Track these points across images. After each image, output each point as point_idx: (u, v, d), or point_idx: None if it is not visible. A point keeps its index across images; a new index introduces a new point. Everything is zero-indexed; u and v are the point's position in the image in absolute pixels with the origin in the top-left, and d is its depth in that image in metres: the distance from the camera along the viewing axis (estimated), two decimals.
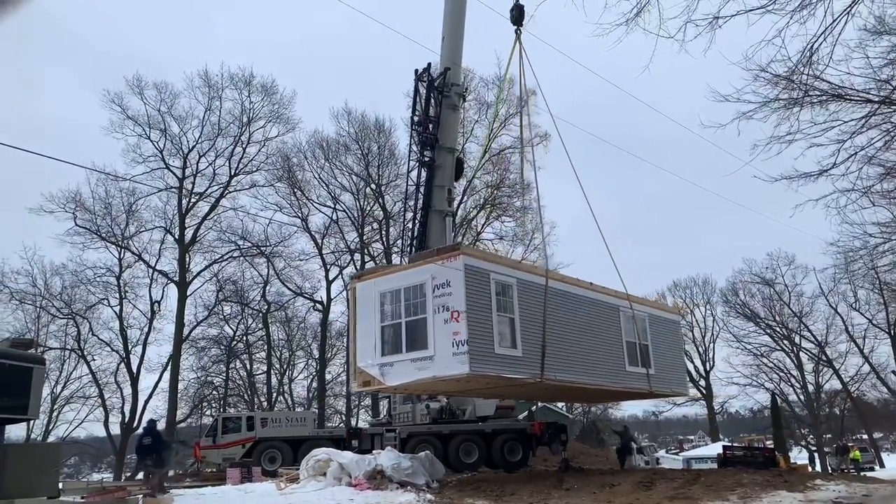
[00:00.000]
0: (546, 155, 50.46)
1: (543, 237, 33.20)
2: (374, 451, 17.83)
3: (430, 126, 22.93)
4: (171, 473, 27.91)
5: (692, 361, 58.28)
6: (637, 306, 20.02)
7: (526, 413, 42.46)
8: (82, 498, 13.03)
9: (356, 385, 16.85)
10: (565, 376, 16.77)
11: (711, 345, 58.33)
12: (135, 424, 37.17)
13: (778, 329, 55.87)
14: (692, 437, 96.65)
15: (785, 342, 56.07)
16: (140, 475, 15.91)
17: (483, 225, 41.43)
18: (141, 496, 12.22)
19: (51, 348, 38.58)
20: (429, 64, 23.35)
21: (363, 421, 42.56)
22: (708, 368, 57.96)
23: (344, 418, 42.45)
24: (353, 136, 41.04)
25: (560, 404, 63.95)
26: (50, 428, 39.59)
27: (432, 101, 23.02)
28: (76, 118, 69.01)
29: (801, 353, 55.88)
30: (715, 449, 35.03)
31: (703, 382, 57.97)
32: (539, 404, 54.93)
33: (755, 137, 14.38)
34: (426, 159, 22.95)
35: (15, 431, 39.38)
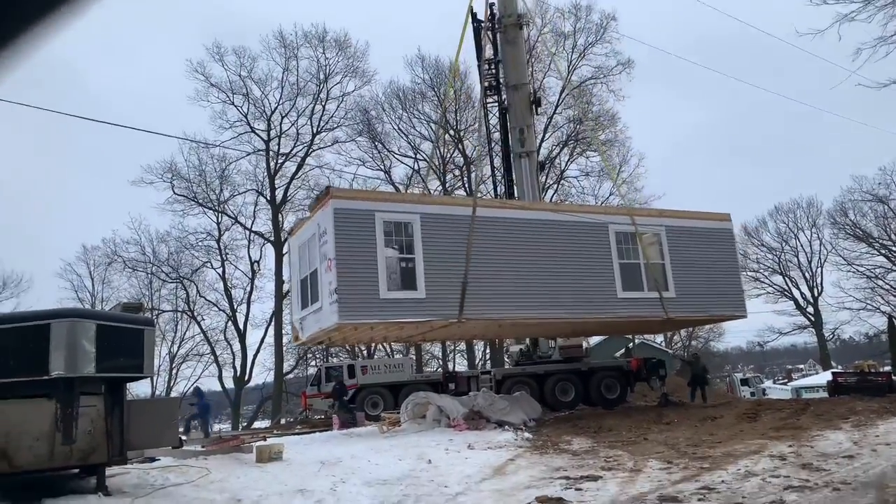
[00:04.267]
0: (630, 83, 48.37)
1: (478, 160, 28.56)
2: (470, 393, 18.17)
3: (490, 66, 22.40)
4: (282, 422, 29.54)
5: (798, 288, 55.65)
6: (646, 219, 17.56)
7: (623, 350, 42.05)
8: (202, 447, 13.99)
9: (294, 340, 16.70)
10: (500, 313, 15.19)
11: (819, 270, 55.31)
12: (247, 378, 39.51)
13: (894, 248, 52.17)
14: (802, 367, 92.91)
15: None
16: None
17: (567, 162, 40.47)
18: (255, 444, 12.95)
19: (164, 311, 41.33)
20: None
21: (459, 365, 43.47)
22: (816, 294, 55.14)
23: (441, 363, 43.40)
24: (429, 82, 40.73)
25: (658, 339, 62.98)
26: (171, 384, 42.74)
27: (488, 38, 22.36)
28: (164, 89, 71.79)
29: None
30: (825, 377, 33.49)
31: (811, 309, 55.30)
32: (637, 340, 54.20)
33: (858, 41, 13.14)
34: (490, 102, 22.49)
35: (140, 388, 42.78)
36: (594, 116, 39.18)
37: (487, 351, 40.56)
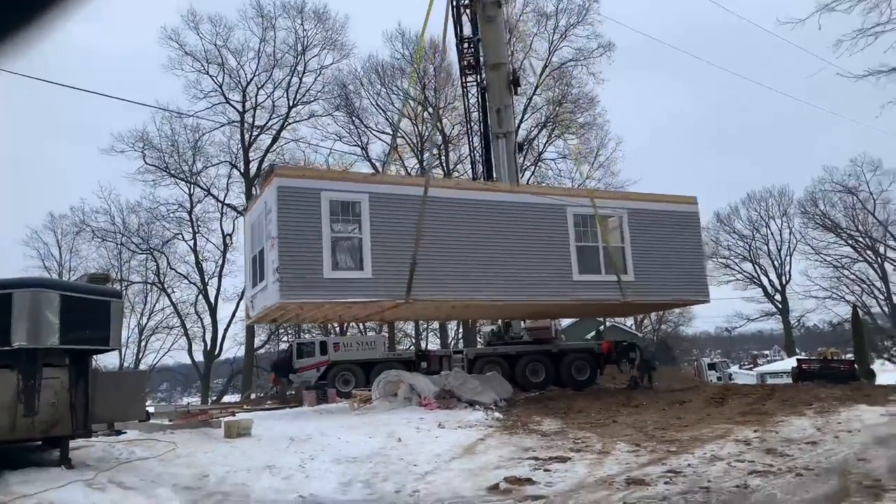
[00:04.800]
0: (610, 66, 48.31)
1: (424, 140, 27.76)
2: (442, 373, 18.20)
3: (469, 44, 22.23)
4: (252, 397, 29.40)
5: (766, 275, 56.61)
6: (607, 202, 17.40)
7: (594, 332, 42.47)
8: (170, 421, 13.83)
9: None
10: (450, 295, 15.18)
11: (788, 258, 56.35)
12: (217, 352, 39.22)
13: (861, 239, 53.31)
14: (767, 353, 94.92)
15: (868, 252, 53.57)
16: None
17: (545, 144, 40.45)
18: (223, 419, 12.83)
19: (133, 282, 40.78)
20: None
21: (432, 344, 43.58)
22: (784, 282, 56.22)
23: (414, 342, 43.48)
24: (408, 58, 40.23)
25: (629, 322, 63.79)
26: (140, 357, 42.29)
27: (467, 15, 22.17)
28: (135, 56, 70.07)
29: (885, 264, 53.33)
30: (790, 363, 34.21)
31: (778, 297, 56.37)
32: (607, 323, 54.78)
33: (838, 32, 13.22)
34: (469, 81, 22.37)
35: (108, 360, 42.20)
36: (573, 99, 39.15)
37: (460, 330, 40.70)
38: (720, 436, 9.99)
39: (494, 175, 23.81)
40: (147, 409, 10.72)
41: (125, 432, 12.76)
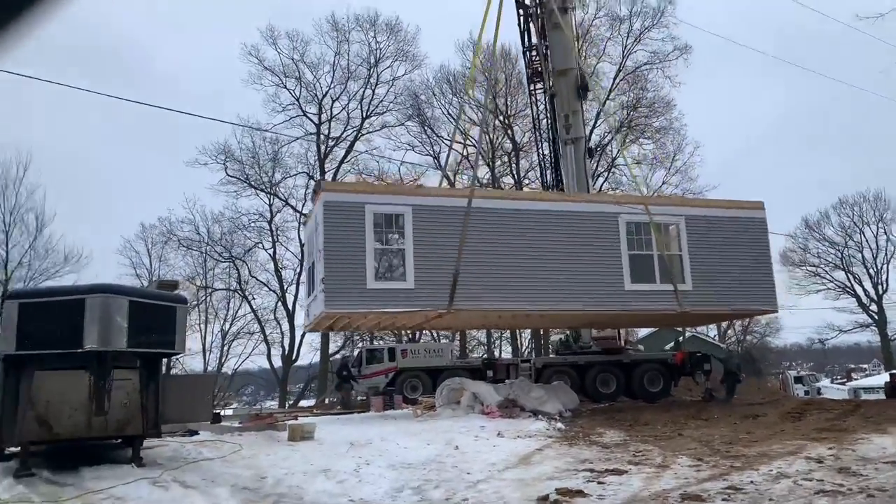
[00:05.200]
0: (687, 69, 46.98)
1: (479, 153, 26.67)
2: (506, 381, 18.08)
3: (535, 52, 22.13)
4: (326, 402, 30.04)
5: (861, 284, 53.38)
6: (663, 209, 16.81)
7: (672, 343, 41.17)
8: (239, 423, 14.33)
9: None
10: (493, 304, 15.13)
11: (885, 266, 52.90)
12: (294, 357, 40.33)
13: None
14: (865, 366, 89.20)
15: None
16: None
17: (619, 150, 39.64)
18: (288, 422, 13.18)
19: (217, 289, 42.45)
20: None
21: (505, 352, 43.37)
22: (880, 292, 52.79)
23: (485, 349, 43.41)
24: (479, 67, 40.31)
25: (712, 333, 61.48)
26: (223, 361, 43.95)
27: (533, 23, 22.05)
28: (223, 69, 73.23)
29: None
30: (885, 378, 32.07)
31: (874, 307, 53.00)
32: (687, 334, 52.99)
33: None
34: (537, 90, 22.24)
35: (192, 364, 44.10)
36: (648, 103, 38.23)
37: (532, 340, 40.33)
38: (790, 452, 9.47)
39: (564, 182, 23.58)
40: (215, 411, 11.13)
41: (198, 433, 13.36)
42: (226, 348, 44.11)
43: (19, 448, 8.88)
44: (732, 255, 16.77)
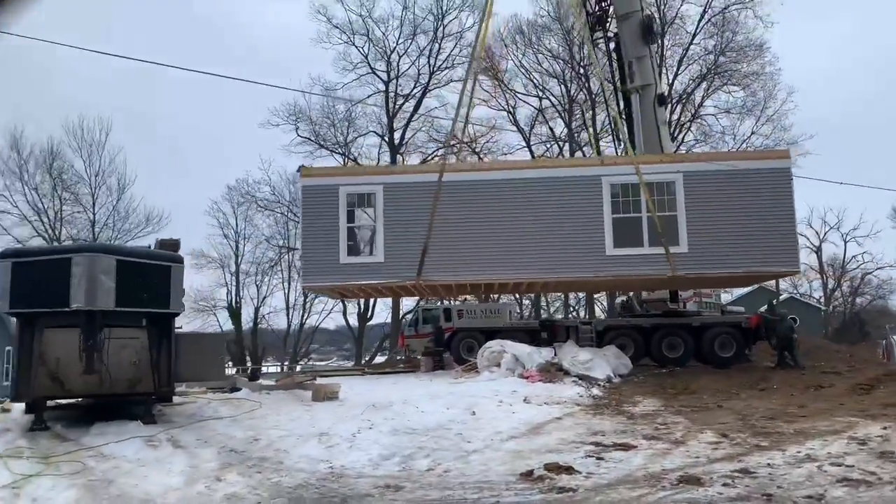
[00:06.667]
0: (782, 6, 43.06)
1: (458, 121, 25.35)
2: (554, 344, 17.33)
3: None
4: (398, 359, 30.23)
5: None
6: (658, 167, 15.78)
7: (766, 305, 38.63)
8: (276, 382, 14.43)
9: None
10: (462, 275, 15.50)
11: None
12: (369, 316, 40.91)
13: None
14: None
15: None
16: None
17: (703, 98, 37.02)
18: (315, 381, 13.12)
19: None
20: None
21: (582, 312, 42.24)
22: None
23: (551, 310, 42.44)
24: (553, 14, 38.48)
25: (817, 294, 57.62)
26: (305, 318, 45.29)
27: None
28: (289, 30, 73.69)
29: None
30: None
31: None
32: (784, 295, 49.88)
33: None
34: (598, 39, 20.82)
35: (277, 321, 45.53)
36: (738, 47, 35.29)
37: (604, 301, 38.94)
38: (834, 431, 8.38)
39: (635, 133, 22.15)
40: (224, 370, 11.09)
41: (240, 389, 13.55)
42: (308, 305, 45.37)
43: (34, 402, 9.12)
44: (745, 212, 15.46)
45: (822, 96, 76.75)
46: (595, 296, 37.19)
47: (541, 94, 40.42)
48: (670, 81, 36.15)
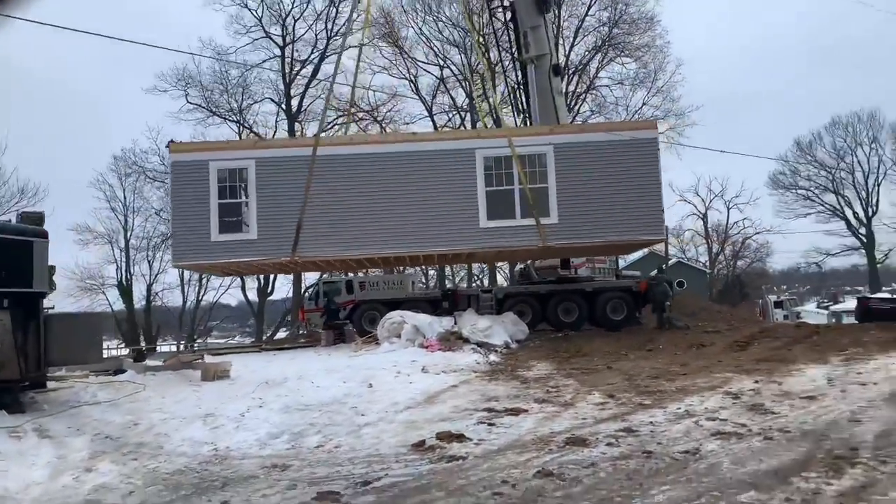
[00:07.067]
0: None
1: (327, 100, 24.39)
2: (455, 313, 17.44)
3: None
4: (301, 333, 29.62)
5: (850, 207, 52.40)
6: (529, 139, 15.87)
7: (655, 270, 40.54)
8: (163, 363, 13.73)
9: None
10: (337, 252, 15.46)
11: (876, 188, 51.80)
12: (269, 290, 39.85)
13: None
14: (861, 289, 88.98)
15: None
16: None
17: (597, 70, 37.91)
18: (202, 362, 12.56)
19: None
20: None
21: (483, 281, 42.83)
22: (870, 214, 51.90)
23: (455, 279, 42.85)
24: None
25: (702, 259, 60.94)
26: (201, 294, 43.59)
27: None
28: None
29: None
30: None
31: (863, 230, 52.23)
32: (672, 260, 52.25)
33: None
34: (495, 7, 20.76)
35: (171, 298, 43.47)
36: (630, 19, 36.28)
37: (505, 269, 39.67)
38: (711, 387, 8.83)
39: (531, 104, 22.34)
40: (102, 352, 10.41)
41: (126, 371, 12.77)
42: (204, 281, 43.62)
43: None
44: (613, 183, 15.50)
45: (704, 68, 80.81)
46: (497, 264, 37.72)
47: (442, 62, 40.18)
48: (567, 52, 36.77)
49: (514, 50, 23.03)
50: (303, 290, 35.27)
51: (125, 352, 31.12)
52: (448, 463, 6.16)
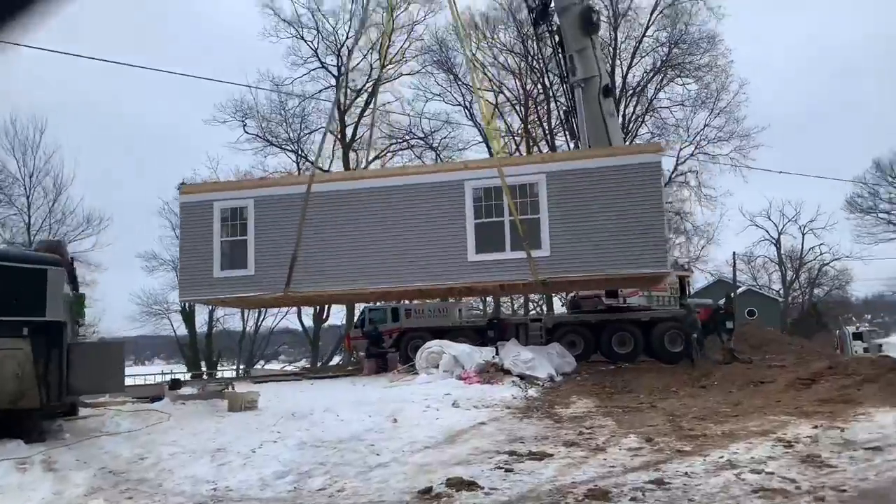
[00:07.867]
0: None
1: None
2: (498, 343, 16.78)
3: None
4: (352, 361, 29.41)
5: None
6: (521, 168, 15.26)
7: (723, 299, 38.70)
8: (198, 391, 13.62)
9: None
10: (327, 287, 15.51)
11: None
12: (325, 317, 39.96)
13: None
14: None
15: None
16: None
17: (656, 91, 36.81)
18: (230, 392, 12.35)
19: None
20: None
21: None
22: None
23: (502, 307, 41.81)
24: (507, 4, 37.84)
25: (776, 286, 58.12)
26: (260, 320, 44.15)
27: None
28: (241, 25, 72.09)
29: None
30: None
31: None
32: (741, 287, 49.79)
33: None
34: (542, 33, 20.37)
35: (232, 323, 44.17)
36: (691, 39, 35.17)
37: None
38: (763, 432, 7.93)
39: (580, 127, 21.70)
40: (124, 380, 10.27)
41: (163, 398, 12.73)
42: (264, 308, 44.16)
43: None
44: (611, 212, 14.36)
45: (778, 89, 77.81)
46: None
47: (496, 88, 39.92)
48: (624, 74, 35.93)
49: (563, 73, 22.51)
50: (356, 318, 35.14)
51: (188, 377, 31.57)
52: None
